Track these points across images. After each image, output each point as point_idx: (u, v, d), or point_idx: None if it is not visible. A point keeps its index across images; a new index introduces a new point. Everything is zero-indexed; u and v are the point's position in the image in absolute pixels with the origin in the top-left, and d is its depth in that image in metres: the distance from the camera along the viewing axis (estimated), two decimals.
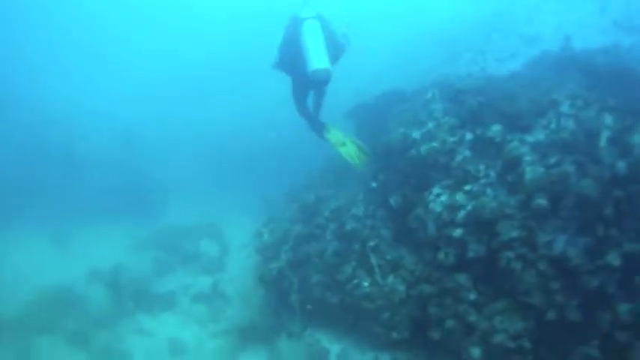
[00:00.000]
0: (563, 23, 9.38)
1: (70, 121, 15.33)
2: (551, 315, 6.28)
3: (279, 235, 9.27)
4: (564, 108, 7.31)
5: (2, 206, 11.54)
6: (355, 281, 7.56)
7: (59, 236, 11.28)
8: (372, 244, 7.60)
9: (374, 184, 8.32)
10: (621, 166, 6.60)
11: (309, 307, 8.03)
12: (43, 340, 8.12)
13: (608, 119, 7.09)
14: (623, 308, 6.02)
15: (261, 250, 9.32)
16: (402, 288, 7.11)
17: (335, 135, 8.12)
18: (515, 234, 6.46)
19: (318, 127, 8.21)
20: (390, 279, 7.25)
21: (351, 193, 8.99)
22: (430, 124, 7.68)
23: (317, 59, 7.05)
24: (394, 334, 7.08)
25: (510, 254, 6.45)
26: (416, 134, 7.69)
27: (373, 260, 7.37)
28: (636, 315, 5.99)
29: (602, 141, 6.90)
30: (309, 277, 8.20)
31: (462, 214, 6.79)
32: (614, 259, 6.18)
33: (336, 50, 7.51)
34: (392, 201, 7.60)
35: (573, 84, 7.88)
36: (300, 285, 8.29)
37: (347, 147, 8.05)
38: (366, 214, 8.09)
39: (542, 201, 6.48)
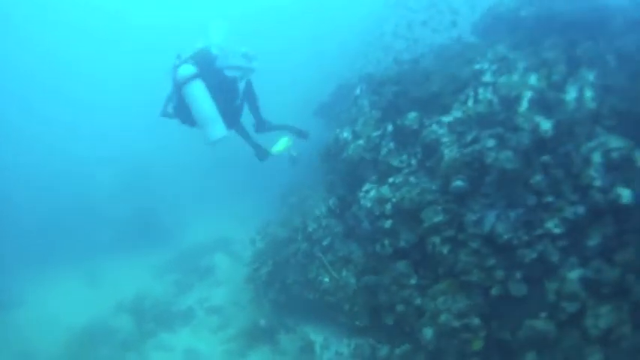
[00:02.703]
0: None
1: (82, 167, 16.98)
2: (495, 291, 6.41)
3: (269, 240, 10.05)
4: (486, 77, 7.39)
5: (34, 251, 13.17)
6: (319, 278, 8.21)
7: (86, 275, 12.58)
8: (325, 243, 8.17)
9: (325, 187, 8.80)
10: (546, 128, 6.56)
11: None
12: None
13: (533, 79, 7.08)
14: (573, 275, 6.11)
15: (255, 255, 10.11)
16: (353, 281, 7.56)
17: (279, 145, 7.91)
18: (438, 219, 6.67)
19: (260, 153, 7.71)
20: (344, 273, 7.72)
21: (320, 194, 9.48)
22: (360, 121, 8.01)
23: (212, 131, 6.74)
24: (357, 323, 7.52)
25: (436, 239, 6.69)
26: (347, 134, 8.02)
27: (324, 259, 7.99)
28: (589, 280, 6.05)
29: (523, 106, 6.87)
30: (287, 278, 8.91)
31: (389, 206, 7.13)
32: (555, 226, 6.25)
33: (231, 89, 7.11)
34: (330, 203, 8.14)
35: (501, 46, 7.77)
36: (282, 285, 9.09)
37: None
38: (324, 215, 8.58)
39: (459, 182, 6.62)
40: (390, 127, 7.54)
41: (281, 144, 7.96)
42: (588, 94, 6.80)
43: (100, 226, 14.12)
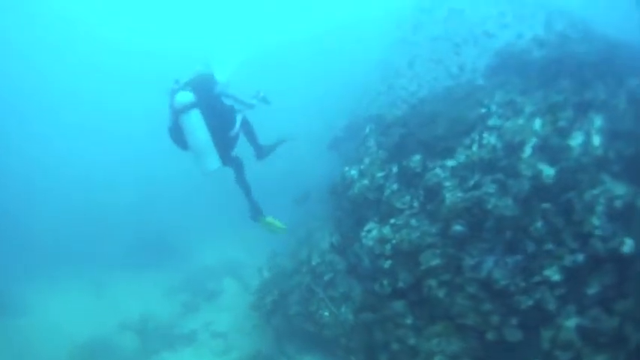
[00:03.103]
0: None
1: (99, 174, 17.54)
2: (490, 335, 6.49)
3: (276, 271, 10.24)
4: (492, 121, 7.54)
5: (44, 259, 13.57)
6: (319, 312, 8.38)
7: (94, 287, 12.89)
8: (327, 278, 8.35)
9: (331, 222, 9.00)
10: (549, 174, 6.66)
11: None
12: None
13: (538, 124, 7.21)
14: (569, 323, 6.15)
15: (262, 284, 10.27)
16: (351, 317, 7.71)
17: (269, 225, 7.94)
18: (436, 262, 6.82)
19: (255, 211, 7.83)
20: (343, 309, 7.89)
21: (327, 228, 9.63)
22: (366, 160, 8.23)
23: (205, 162, 6.84)
24: (352, 358, 7.64)
25: (433, 282, 6.82)
26: (354, 172, 8.24)
27: (321, 294, 8.15)
28: (585, 329, 6.05)
29: (527, 152, 6.97)
30: (290, 309, 9.09)
31: (388, 246, 7.30)
32: (553, 273, 6.29)
33: (228, 118, 7.13)
34: (333, 240, 8.32)
35: (509, 88, 7.87)
36: (285, 315, 9.25)
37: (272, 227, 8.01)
38: (328, 250, 8.74)
39: (458, 227, 6.79)
40: (394, 169, 7.73)
41: (276, 223, 8.02)
42: (595, 139, 6.87)
43: (112, 239, 14.50)
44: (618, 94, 7.43)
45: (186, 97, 6.70)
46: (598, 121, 6.98)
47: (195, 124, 6.72)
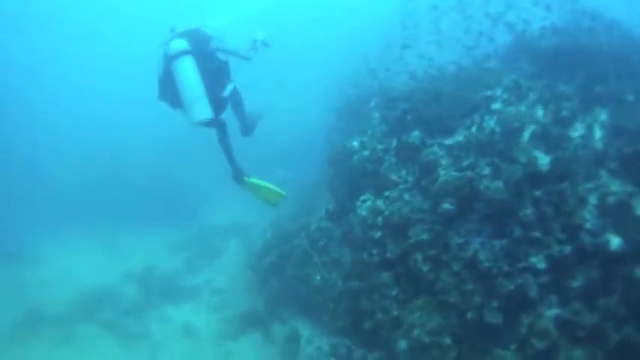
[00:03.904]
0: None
1: (114, 135, 18.23)
2: (470, 315, 6.69)
3: (278, 233, 10.70)
4: (496, 105, 7.73)
5: (58, 212, 14.28)
6: (312, 276, 8.78)
7: (104, 241, 13.60)
8: (321, 243, 8.73)
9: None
10: (544, 162, 6.84)
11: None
12: (81, 328, 10.30)
13: (540, 112, 7.39)
14: (549, 313, 6.33)
15: (264, 245, 10.81)
16: (339, 283, 8.07)
17: (253, 185, 7.90)
18: (424, 237, 7.07)
19: (237, 172, 7.75)
20: (333, 274, 8.27)
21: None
22: (369, 132, 8.48)
23: (196, 110, 6.68)
24: (338, 323, 7.99)
25: (419, 256, 7.10)
26: (355, 143, 8.51)
27: (316, 258, 8.55)
28: (565, 321, 6.23)
29: (524, 137, 7.18)
30: (286, 271, 9.58)
31: (380, 218, 7.60)
32: (539, 261, 6.48)
33: (221, 74, 7.10)
34: (330, 207, 8.67)
35: (518, 74, 8.05)
36: (280, 277, 9.75)
37: (261, 193, 7.99)
38: (323, 217, 9.11)
39: (447, 205, 7.04)
40: (394, 143, 7.99)
41: (262, 185, 7.89)
42: (597, 133, 7.03)
43: (126, 196, 15.11)
44: (629, 90, 7.54)
45: (180, 44, 6.69)
46: (603, 115, 7.13)
47: (189, 71, 6.64)
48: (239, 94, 7.58)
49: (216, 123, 7.12)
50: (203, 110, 6.70)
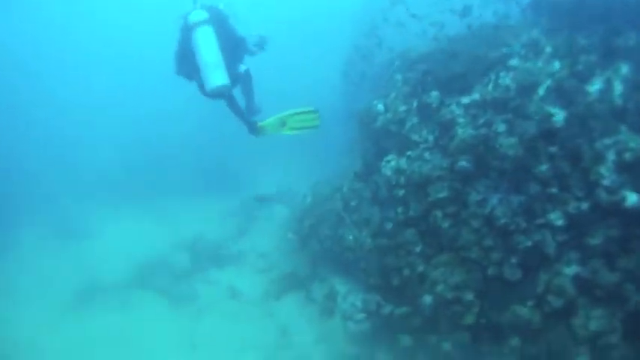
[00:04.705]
0: None
1: (157, 116, 19.28)
2: (491, 271, 7.13)
3: (317, 196, 11.36)
4: (513, 61, 7.95)
5: (109, 192, 15.46)
6: (346, 236, 9.42)
7: (156, 214, 14.60)
8: (353, 204, 9.33)
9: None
10: (559, 118, 7.00)
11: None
12: (135, 294, 11.49)
13: (556, 67, 7.56)
14: (568, 271, 6.61)
15: (303, 209, 11.53)
16: (369, 241, 8.66)
17: (270, 124, 8.10)
18: (443, 194, 7.54)
19: (250, 125, 8.04)
20: (364, 233, 8.87)
21: None
22: (392, 94, 8.92)
23: (214, 76, 7.01)
24: (369, 280, 8.66)
25: (439, 213, 7.60)
26: (380, 105, 8.97)
27: (347, 219, 9.15)
28: (583, 279, 6.49)
29: (539, 94, 7.35)
30: (322, 233, 10.27)
31: (403, 177, 8.11)
32: (557, 218, 6.75)
33: (237, 50, 7.50)
34: (356, 168, 9.20)
35: (537, 30, 8.17)
36: (318, 239, 10.44)
37: (289, 124, 8.18)
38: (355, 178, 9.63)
39: (463, 163, 7.44)
40: (415, 104, 8.42)
41: (272, 125, 8.13)
42: (617, 87, 7.01)
43: (174, 173, 16.20)
44: None
45: (202, 14, 7.12)
46: (624, 69, 7.05)
47: (208, 38, 7.02)
48: (251, 78, 7.96)
49: (229, 95, 7.57)
50: (221, 76, 7.08)
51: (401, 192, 8.13)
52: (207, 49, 6.99)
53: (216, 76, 7.02)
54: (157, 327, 10.27)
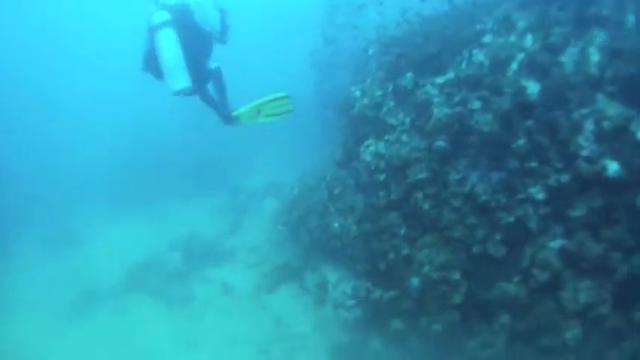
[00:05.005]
0: None
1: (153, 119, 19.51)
2: (476, 249, 7.18)
3: (303, 188, 11.53)
4: (486, 38, 7.96)
5: (100, 197, 15.51)
6: (332, 224, 9.52)
7: (150, 215, 14.85)
8: (336, 192, 9.38)
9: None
10: (533, 92, 6.97)
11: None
12: (132, 298, 11.63)
13: (528, 40, 7.56)
14: (553, 244, 6.63)
15: (291, 201, 11.65)
16: (354, 227, 8.74)
17: (244, 113, 7.77)
18: (422, 175, 7.59)
19: (225, 116, 7.78)
20: (349, 219, 8.95)
21: None
22: (368, 80, 8.97)
23: (175, 79, 6.94)
24: (357, 266, 8.78)
25: (419, 194, 7.66)
26: (357, 91, 9.04)
27: (331, 207, 9.23)
28: (568, 252, 6.50)
29: (512, 68, 7.33)
30: (310, 223, 10.38)
31: (382, 162, 8.16)
32: (537, 192, 6.78)
33: (205, 46, 7.41)
34: (337, 156, 9.27)
35: (509, 4, 8.02)
36: (307, 229, 10.54)
37: (263, 111, 7.81)
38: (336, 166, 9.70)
39: (440, 142, 7.49)
40: (390, 87, 8.46)
41: (247, 114, 7.71)
42: (593, 57, 6.91)
43: (166, 172, 16.24)
44: (629, 10, 7.14)
45: (162, 15, 6.96)
46: (599, 37, 6.97)
47: (168, 41, 6.91)
48: (222, 75, 7.77)
49: (199, 91, 7.45)
50: (181, 79, 6.94)
51: (381, 176, 8.19)
52: (168, 52, 6.91)
53: (178, 79, 6.93)
54: (154, 328, 10.46)
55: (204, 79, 7.44)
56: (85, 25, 27.32)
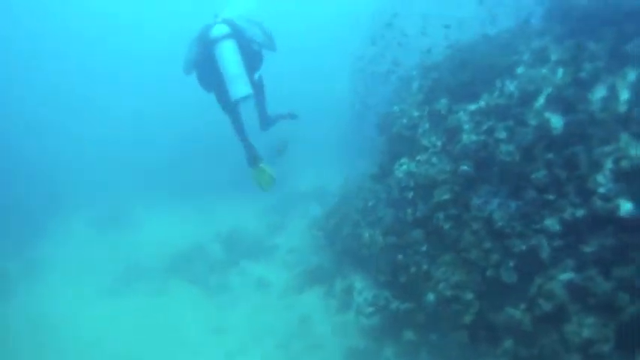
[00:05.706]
0: None
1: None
2: (489, 272, 7.53)
3: (344, 195, 12.31)
4: (520, 69, 8.34)
5: (160, 185, 16.86)
6: (363, 234, 10.13)
7: (198, 208, 15.98)
8: (370, 204, 10.02)
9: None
10: (557, 126, 7.29)
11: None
12: (172, 283, 12.69)
13: (559, 74, 7.68)
14: (562, 276, 6.75)
15: (332, 207, 12.42)
16: (381, 239, 9.36)
17: (265, 173, 8.33)
18: (446, 197, 8.12)
19: (252, 156, 8.27)
20: (377, 231, 9.55)
21: None
22: (408, 101, 9.57)
23: (238, 87, 7.44)
24: (380, 276, 9.35)
25: (441, 214, 8.18)
26: (397, 111, 9.67)
27: (365, 217, 9.86)
28: (576, 286, 6.60)
29: (539, 101, 7.66)
30: (344, 230, 11.03)
31: (412, 181, 8.75)
32: (552, 224, 6.97)
33: (254, 61, 7.89)
34: (373, 171, 9.88)
35: (548, 36, 8.40)
36: (341, 237, 11.20)
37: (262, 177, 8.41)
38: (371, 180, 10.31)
39: (465, 167, 8.02)
40: (427, 110, 9.03)
41: (267, 170, 8.32)
42: (623, 94, 7.03)
43: (216, 171, 17.31)
44: None
45: (224, 28, 7.65)
46: (631, 75, 7.04)
47: (231, 52, 7.54)
48: (263, 84, 8.38)
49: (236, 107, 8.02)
50: (244, 87, 7.54)
51: (410, 194, 8.76)
52: (232, 61, 7.53)
53: (241, 87, 7.51)
54: (187, 311, 11.47)
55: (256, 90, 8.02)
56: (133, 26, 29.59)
